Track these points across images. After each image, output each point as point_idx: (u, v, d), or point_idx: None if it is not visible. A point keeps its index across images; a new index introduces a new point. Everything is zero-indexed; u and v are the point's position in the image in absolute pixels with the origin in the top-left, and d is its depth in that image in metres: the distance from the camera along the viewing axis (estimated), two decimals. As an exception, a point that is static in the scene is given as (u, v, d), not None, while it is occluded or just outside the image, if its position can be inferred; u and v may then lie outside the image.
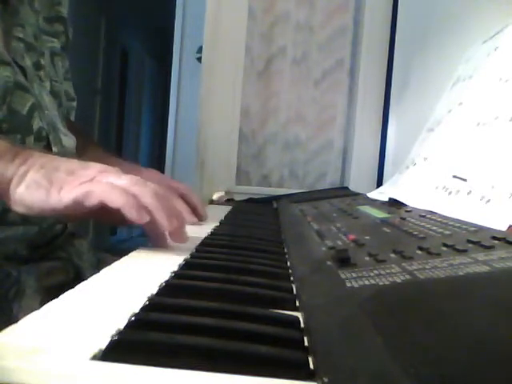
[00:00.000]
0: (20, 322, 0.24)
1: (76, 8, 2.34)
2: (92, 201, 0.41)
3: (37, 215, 0.46)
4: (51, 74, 0.70)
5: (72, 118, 0.81)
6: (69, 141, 0.68)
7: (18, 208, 0.44)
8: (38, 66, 0.65)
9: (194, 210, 0.68)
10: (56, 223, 0.65)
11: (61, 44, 0.75)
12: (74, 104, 0.81)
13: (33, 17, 0.67)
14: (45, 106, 0.64)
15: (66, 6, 0.76)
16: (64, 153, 0.65)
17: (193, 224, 0.63)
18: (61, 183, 0.42)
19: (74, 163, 0.45)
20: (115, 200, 0.40)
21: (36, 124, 0.60)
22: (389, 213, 0.57)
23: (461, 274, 0.27)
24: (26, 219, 0.59)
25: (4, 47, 0.59)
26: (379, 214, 0.57)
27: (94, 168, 0.45)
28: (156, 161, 5.01)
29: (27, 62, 0.63)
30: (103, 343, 0.22)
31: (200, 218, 0.69)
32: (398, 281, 0.27)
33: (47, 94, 0.66)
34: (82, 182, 0.42)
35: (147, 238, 0.48)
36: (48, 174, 0.43)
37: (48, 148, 0.62)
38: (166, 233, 0.46)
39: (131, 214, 0.40)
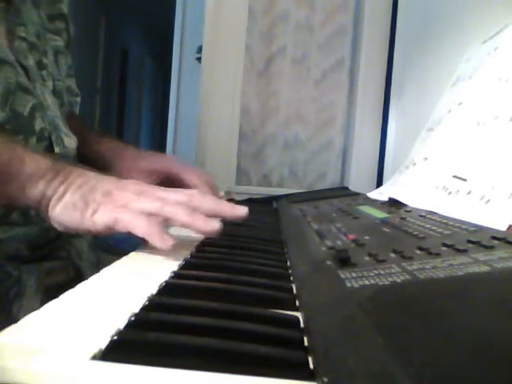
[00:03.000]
0: (20, 322, 0.24)
1: (76, 8, 2.34)
2: (120, 228, 0.42)
3: (74, 233, 0.48)
4: (54, 73, 0.70)
5: (76, 112, 0.82)
6: (70, 141, 0.68)
7: (56, 226, 0.46)
8: (40, 66, 0.65)
9: None
10: None
11: (64, 42, 0.75)
12: (79, 100, 0.82)
13: (35, 15, 0.67)
14: (47, 106, 0.64)
15: (66, 4, 0.76)
16: (65, 153, 0.65)
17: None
18: (96, 205, 0.44)
19: (111, 183, 0.46)
20: (140, 229, 0.42)
21: (38, 125, 0.60)
22: (389, 213, 0.57)
23: (461, 274, 0.27)
24: (27, 220, 0.59)
25: (7, 47, 0.59)
26: (379, 213, 0.57)
27: (130, 190, 0.45)
28: (156, 161, 5.01)
29: (30, 62, 0.63)
30: (103, 343, 0.22)
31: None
32: (398, 281, 0.27)
33: (49, 94, 0.66)
34: (116, 207, 0.43)
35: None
36: (85, 195, 0.45)
37: (50, 148, 0.62)
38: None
39: (155, 243, 0.42)
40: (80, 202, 0.44)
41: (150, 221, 0.42)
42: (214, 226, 0.45)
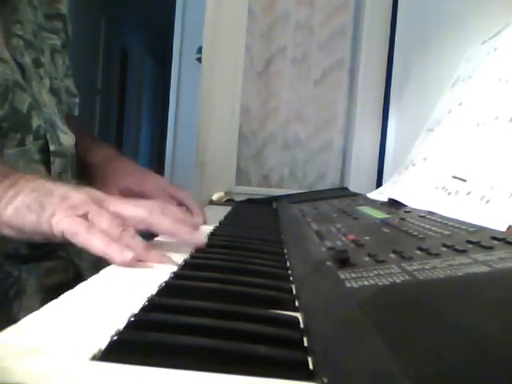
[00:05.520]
0: (20, 322, 0.24)
1: (76, 8, 2.34)
2: (77, 242, 0.41)
3: (27, 239, 0.45)
4: (51, 71, 0.70)
5: (76, 113, 0.82)
6: (67, 139, 0.68)
7: (6, 231, 0.44)
8: (37, 64, 0.65)
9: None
10: None
11: (61, 41, 0.75)
12: (77, 100, 0.82)
13: (31, 14, 0.67)
14: (43, 104, 0.64)
15: (65, 4, 0.76)
16: (62, 151, 0.65)
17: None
18: (53, 208, 0.42)
19: (67, 188, 0.44)
20: (97, 249, 0.40)
21: (35, 122, 0.60)
22: (388, 213, 0.57)
23: (460, 274, 0.27)
24: None
25: (3, 44, 0.59)
26: (379, 214, 0.57)
27: (88, 197, 0.43)
28: (156, 161, 5.01)
29: (26, 60, 0.63)
30: (103, 343, 0.22)
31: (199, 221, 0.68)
32: (398, 281, 0.27)
33: (46, 92, 0.66)
34: (75, 214, 0.41)
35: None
36: (40, 198, 0.42)
37: (46, 147, 0.62)
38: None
39: (113, 261, 0.39)
40: (35, 205, 0.42)
41: (106, 239, 0.40)
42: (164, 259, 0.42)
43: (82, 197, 0.43)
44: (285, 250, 0.49)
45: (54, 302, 0.28)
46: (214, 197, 1.21)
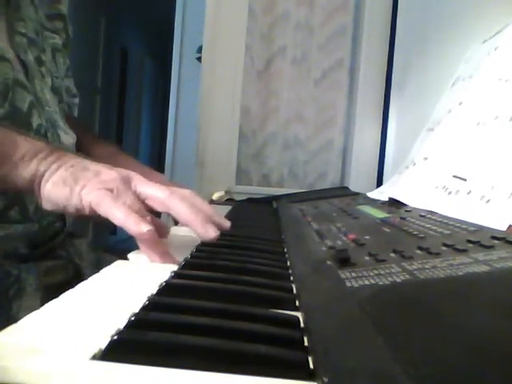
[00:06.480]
0: (20, 322, 0.24)
1: (76, 8, 2.34)
2: (101, 212, 0.42)
3: (63, 212, 0.47)
4: (52, 70, 0.70)
5: (75, 114, 0.82)
6: (68, 138, 0.68)
7: (46, 204, 0.46)
8: (39, 62, 0.66)
9: None
10: (56, 221, 0.65)
11: (62, 40, 0.75)
12: (76, 100, 0.82)
13: (33, 12, 0.67)
14: (45, 103, 0.64)
15: (65, 5, 0.76)
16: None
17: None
18: (85, 182, 0.44)
19: (103, 166, 0.47)
20: (117, 221, 0.41)
21: (35, 121, 0.60)
22: (389, 213, 0.57)
23: (460, 273, 0.27)
24: (25, 217, 0.59)
25: (7, 42, 0.59)
26: (379, 213, 0.57)
27: (116, 172, 0.46)
28: (156, 161, 5.01)
29: (29, 57, 0.63)
30: (103, 343, 0.22)
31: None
32: (398, 280, 0.27)
33: (48, 90, 0.67)
34: (102, 188, 0.43)
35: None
36: (76, 173, 0.45)
37: None
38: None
39: (130, 231, 0.41)
40: (70, 179, 0.44)
41: (127, 211, 0.41)
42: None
43: (112, 174, 0.45)
44: (285, 250, 0.49)
45: (54, 301, 0.28)
46: (215, 196, 1.21)
